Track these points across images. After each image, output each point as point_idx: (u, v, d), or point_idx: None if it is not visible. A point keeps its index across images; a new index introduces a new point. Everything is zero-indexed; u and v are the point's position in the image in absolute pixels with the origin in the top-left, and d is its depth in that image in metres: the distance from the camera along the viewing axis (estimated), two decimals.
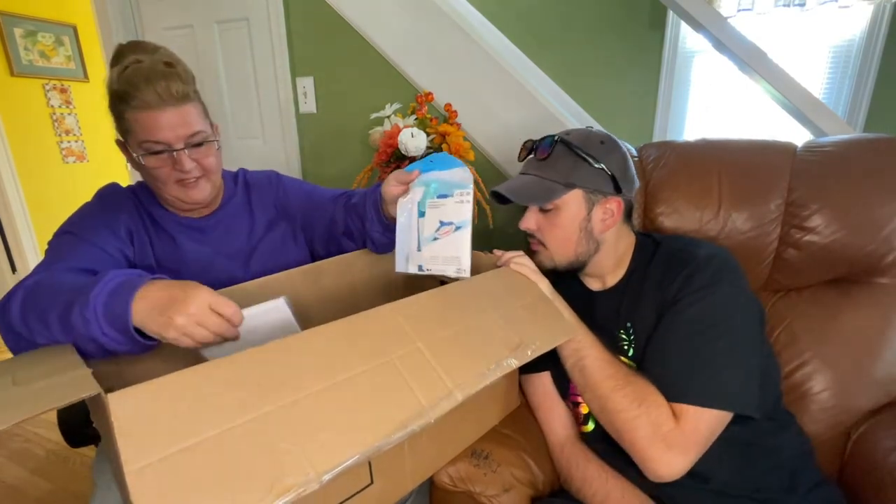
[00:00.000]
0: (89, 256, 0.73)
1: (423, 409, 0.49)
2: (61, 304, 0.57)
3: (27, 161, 2.80)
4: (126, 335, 0.55)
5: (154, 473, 0.35)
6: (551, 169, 0.79)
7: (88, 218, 0.79)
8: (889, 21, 2.03)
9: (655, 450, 0.65)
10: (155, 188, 0.82)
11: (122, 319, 0.54)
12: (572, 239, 0.80)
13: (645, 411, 0.67)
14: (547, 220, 0.80)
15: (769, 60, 1.21)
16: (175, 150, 0.75)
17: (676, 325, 0.72)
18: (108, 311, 0.54)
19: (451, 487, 0.76)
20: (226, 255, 0.90)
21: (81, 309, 0.55)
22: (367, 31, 1.53)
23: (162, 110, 0.73)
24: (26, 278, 0.65)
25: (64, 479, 1.58)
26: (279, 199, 0.99)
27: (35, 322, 0.58)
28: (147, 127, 0.73)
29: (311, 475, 0.39)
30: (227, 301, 0.57)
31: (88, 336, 0.55)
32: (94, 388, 0.42)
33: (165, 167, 0.77)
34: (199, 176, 0.80)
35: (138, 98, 0.72)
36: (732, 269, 0.74)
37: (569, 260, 0.81)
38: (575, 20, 2.39)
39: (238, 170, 1.01)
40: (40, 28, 2.85)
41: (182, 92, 0.75)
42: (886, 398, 0.84)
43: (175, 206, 0.85)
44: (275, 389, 0.44)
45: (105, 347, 0.56)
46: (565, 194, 0.78)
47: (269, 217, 0.97)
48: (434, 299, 0.65)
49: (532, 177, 0.81)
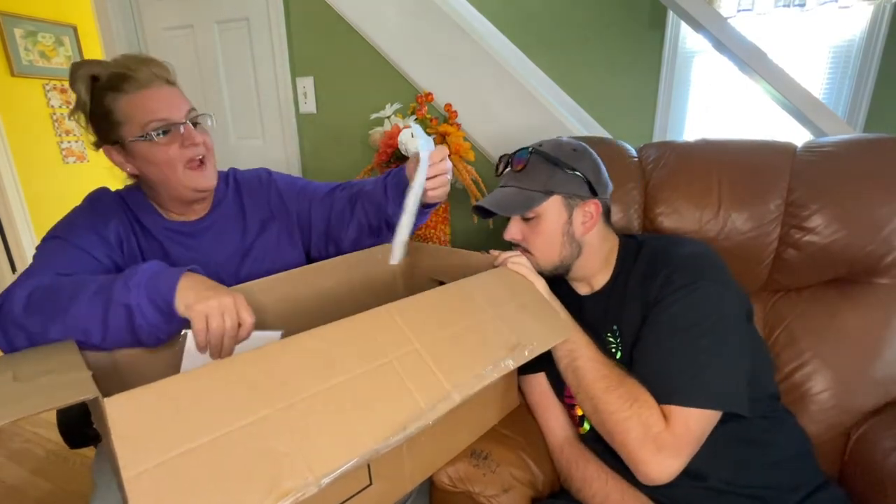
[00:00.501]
0: (79, 262, 0.72)
1: (422, 410, 0.49)
2: (94, 285, 0.61)
3: (27, 161, 2.80)
4: (160, 310, 0.60)
5: (152, 478, 0.35)
6: (529, 179, 0.81)
7: (78, 223, 0.78)
8: (889, 21, 2.03)
9: (646, 451, 0.65)
10: (162, 181, 0.79)
11: (166, 290, 0.59)
12: (556, 244, 0.81)
13: (636, 412, 0.67)
14: (530, 229, 0.82)
15: (769, 60, 1.21)
16: (180, 124, 0.76)
17: (659, 325, 0.72)
18: (153, 287, 0.60)
19: (451, 488, 0.76)
20: (216, 261, 0.88)
21: (127, 280, 0.60)
22: (367, 31, 1.53)
23: (159, 88, 0.75)
24: (18, 281, 0.65)
25: (64, 479, 1.58)
26: (272, 198, 0.96)
27: (53, 310, 0.60)
28: (148, 107, 0.74)
29: (310, 479, 0.39)
30: (250, 311, 0.62)
31: (123, 303, 0.59)
32: (93, 392, 0.42)
33: (174, 146, 0.76)
34: (205, 155, 0.81)
35: (135, 79, 0.73)
36: (713, 265, 0.75)
37: (554, 264, 0.82)
38: (575, 20, 2.39)
39: (229, 169, 0.98)
40: (40, 28, 2.85)
41: (170, 77, 0.79)
42: (886, 398, 0.84)
43: (183, 197, 0.82)
44: (272, 392, 0.44)
45: (133, 319, 0.60)
46: (545, 201, 0.80)
47: (261, 217, 0.94)
48: (432, 300, 0.65)
49: (511, 188, 0.83)
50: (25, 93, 2.80)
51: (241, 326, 0.61)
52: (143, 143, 0.74)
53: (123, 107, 0.74)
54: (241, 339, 0.61)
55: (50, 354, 0.56)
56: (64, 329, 0.60)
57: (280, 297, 0.82)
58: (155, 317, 0.60)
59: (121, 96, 0.73)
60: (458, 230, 1.56)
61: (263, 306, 0.77)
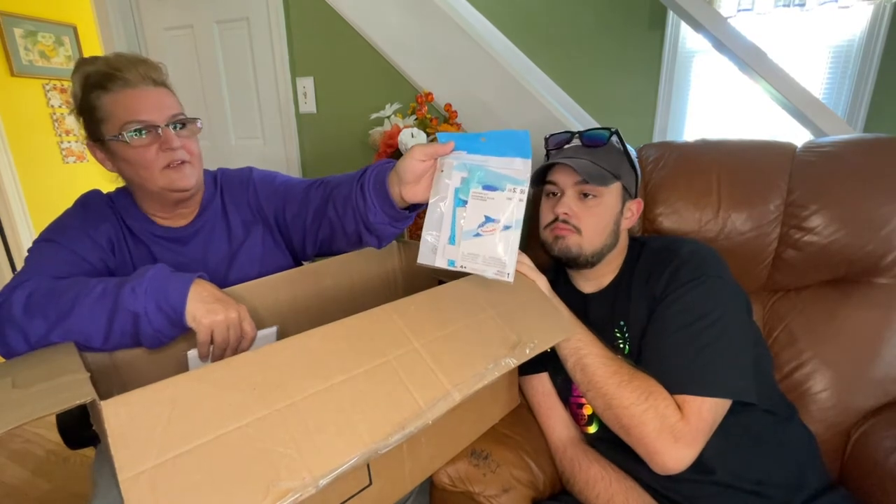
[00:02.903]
0: (71, 266, 0.71)
1: (421, 410, 0.49)
2: (98, 288, 0.61)
3: (27, 161, 2.80)
4: (168, 318, 0.60)
5: (149, 480, 0.35)
6: (603, 158, 0.81)
7: (70, 226, 0.77)
8: (889, 21, 2.03)
9: (663, 443, 0.66)
10: (139, 182, 0.77)
11: (175, 303, 0.60)
12: (607, 228, 0.82)
13: (652, 404, 0.68)
14: (586, 207, 0.81)
15: (769, 60, 1.21)
16: (160, 126, 0.75)
17: (667, 319, 0.74)
18: (162, 293, 0.60)
19: (451, 487, 0.76)
20: (204, 268, 0.85)
21: (135, 286, 0.60)
22: (367, 31, 1.53)
23: (144, 89, 0.75)
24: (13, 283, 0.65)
25: (64, 479, 1.57)
26: (251, 199, 0.91)
27: (53, 313, 0.60)
28: (129, 107, 0.73)
29: (308, 479, 0.38)
30: (253, 324, 0.65)
31: (130, 310, 0.59)
32: (90, 395, 0.42)
33: (151, 149, 0.74)
34: (186, 160, 0.78)
35: (121, 79, 0.73)
36: (715, 261, 0.77)
37: (595, 248, 0.82)
38: (575, 20, 2.39)
39: (217, 169, 0.94)
40: (40, 28, 2.84)
41: (160, 79, 0.78)
42: (886, 398, 0.84)
43: (162, 199, 0.80)
44: (270, 393, 0.44)
45: (139, 325, 0.60)
46: (613, 183, 0.81)
47: (243, 219, 0.90)
48: (431, 299, 0.65)
49: (585, 161, 0.80)
50: (25, 92, 2.80)
51: (244, 339, 0.64)
52: (118, 142, 0.74)
53: (106, 105, 0.73)
54: (241, 350, 0.63)
55: (48, 358, 0.55)
56: (65, 333, 0.59)
57: (279, 297, 0.81)
58: (162, 324, 0.61)
59: (104, 94, 0.73)
60: None
61: (263, 306, 0.77)
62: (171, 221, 0.85)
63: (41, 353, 0.58)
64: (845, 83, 2.17)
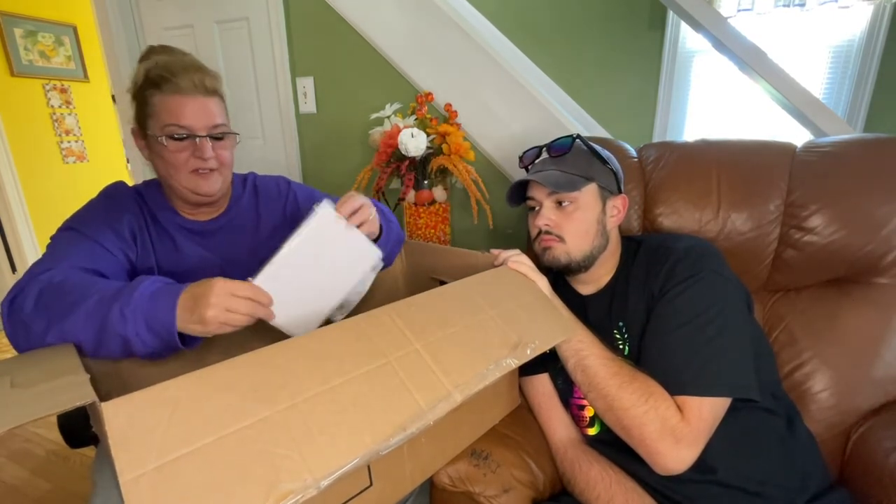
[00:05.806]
0: (92, 255, 0.73)
1: (422, 411, 0.49)
2: (93, 299, 0.59)
3: (27, 161, 2.80)
4: (160, 338, 0.58)
5: (149, 482, 0.35)
6: (570, 164, 0.84)
7: (93, 216, 0.79)
8: (889, 21, 2.03)
9: (664, 444, 0.66)
10: (166, 178, 0.82)
11: (166, 323, 0.58)
12: (591, 232, 0.82)
13: (653, 406, 0.68)
14: (565, 215, 0.82)
15: (769, 60, 1.21)
16: (198, 136, 0.78)
17: (665, 317, 0.74)
18: (151, 314, 0.58)
19: (451, 488, 0.76)
20: (228, 260, 0.89)
21: (122, 307, 0.58)
22: (367, 31, 1.53)
23: (192, 97, 0.77)
24: (33, 272, 0.65)
25: (64, 479, 1.57)
26: (288, 207, 0.97)
27: (53, 314, 0.59)
28: (174, 111, 0.76)
29: (309, 481, 0.38)
30: (243, 284, 0.61)
31: (120, 334, 0.57)
32: (90, 396, 0.42)
33: (184, 153, 0.79)
34: (215, 168, 0.82)
35: (173, 83, 0.76)
36: (713, 256, 0.77)
37: (584, 253, 0.82)
38: (575, 20, 2.39)
39: (248, 173, 1.00)
40: (40, 28, 2.84)
41: (213, 86, 0.81)
42: (886, 398, 0.84)
43: (185, 198, 0.84)
44: (271, 394, 0.44)
45: (130, 347, 0.59)
46: (585, 186, 0.81)
47: (274, 224, 0.95)
48: (432, 300, 0.65)
49: (553, 171, 0.84)
50: (25, 93, 2.80)
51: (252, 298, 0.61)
52: (157, 140, 0.78)
53: (156, 103, 0.77)
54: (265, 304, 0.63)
55: (48, 358, 0.55)
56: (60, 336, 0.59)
57: None
58: (155, 342, 0.59)
59: (157, 93, 0.77)
60: (458, 230, 1.56)
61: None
62: (194, 216, 0.89)
63: (41, 352, 0.58)
64: (845, 83, 2.17)
